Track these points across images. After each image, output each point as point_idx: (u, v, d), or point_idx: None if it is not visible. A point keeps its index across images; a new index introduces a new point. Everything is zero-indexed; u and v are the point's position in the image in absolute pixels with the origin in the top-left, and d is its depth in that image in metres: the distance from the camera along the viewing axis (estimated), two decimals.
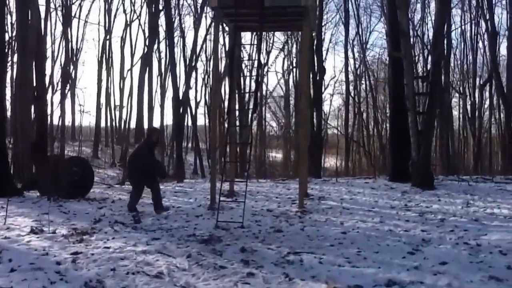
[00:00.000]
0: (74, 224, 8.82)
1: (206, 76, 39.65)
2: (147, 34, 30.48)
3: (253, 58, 30.84)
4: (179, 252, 6.83)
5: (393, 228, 8.87)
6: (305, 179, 11.23)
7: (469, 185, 15.17)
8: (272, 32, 34.47)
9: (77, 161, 13.49)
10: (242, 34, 15.92)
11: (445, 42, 20.79)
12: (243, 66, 31.76)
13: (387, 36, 17.03)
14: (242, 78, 30.08)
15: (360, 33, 35.11)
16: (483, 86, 32.87)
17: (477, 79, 34.71)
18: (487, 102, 35.05)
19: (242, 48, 16.42)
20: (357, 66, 36.27)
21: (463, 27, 33.75)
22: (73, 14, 36.26)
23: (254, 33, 24.30)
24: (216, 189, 11.21)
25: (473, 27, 33.25)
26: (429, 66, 22.38)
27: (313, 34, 17.78)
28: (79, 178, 12.35)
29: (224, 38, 18.43)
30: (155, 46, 31.37)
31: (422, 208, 11.19)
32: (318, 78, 25.83)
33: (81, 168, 12.59)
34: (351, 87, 33.63)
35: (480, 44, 34.20)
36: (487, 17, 27.43)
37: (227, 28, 18.41)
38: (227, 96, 25.07)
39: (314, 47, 27.68)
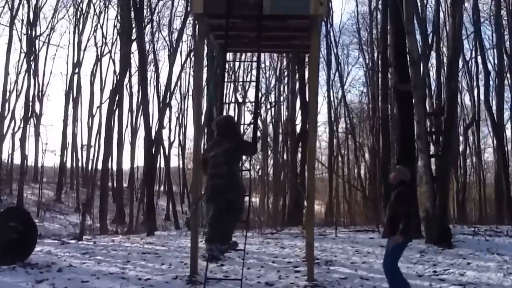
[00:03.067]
0: None
1: (181, 115, 37.23)
2: (118, 67, 27.90)
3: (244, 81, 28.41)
4: None
5: None
6: (312, 240, 8.44)
7: (486, 241, 12.79)
8: (249, 66, 32.14)
9: (16, 214, 10.27)
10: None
11: None
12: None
13: (390, 67, 14.67)
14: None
15: (340, 71, 33.01)
16: (466, 129, 30.91)
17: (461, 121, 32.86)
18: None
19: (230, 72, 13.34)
20: (336, 106, 34.09)
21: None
22: (39, 47, 33.75)
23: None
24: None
25: None
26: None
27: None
28: (17, 237, 9.28)
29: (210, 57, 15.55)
30: (126, 80, 28.71)
31: (456, 276, 8.82)
32: (302, 115, 23.68)
33: (21, 223, 9.49)
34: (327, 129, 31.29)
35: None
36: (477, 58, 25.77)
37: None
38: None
39: (297, 82, 25.57)
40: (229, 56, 20.83)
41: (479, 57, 26.95)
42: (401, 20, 12.87)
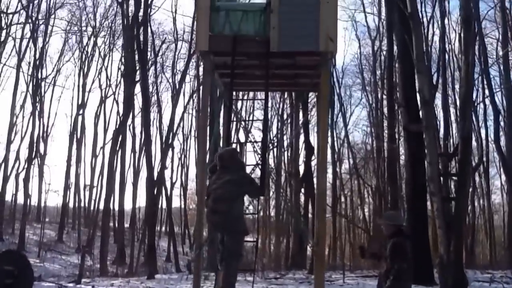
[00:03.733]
0: None
1: (183, 156, 36.87)
2: (121, 108, 27.73)
3: (252, 120, 28.15)
4: None
5: None
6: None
7: None
8: (251, 107, 31.98)
9: (13, 257, 9.63)
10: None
11: None
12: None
13: (399, 107, 14.28)
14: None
15: (343, 112, 32.72)
16: (474, 170, 30.22)
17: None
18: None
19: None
20: (339, 146, 33.64)
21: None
22: (45, 88, 33.63)
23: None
24: None
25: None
26: None
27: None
28: (12, 282, 8.65)
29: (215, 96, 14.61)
30: (130, 121, 28.37)
31: None
32: (306, 157, 23.22)
33: (17, 267, 8.87)
34: (330, 169, 30.74)
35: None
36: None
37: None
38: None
39: (301, 126, 25.12)
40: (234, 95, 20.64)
41: (486, 99, 26.44)
42: (409, 59, 12.49)
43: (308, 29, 7.71)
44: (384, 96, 27.00)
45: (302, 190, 24.59)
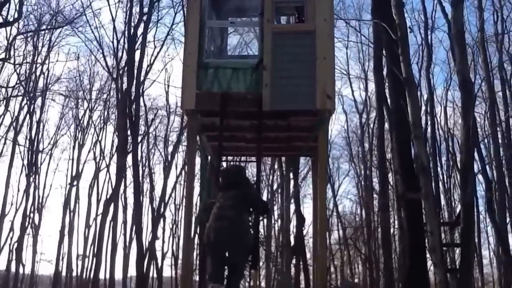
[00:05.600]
0: None
1: (174, 226, 35.40)
2: (114, 179, 26.52)
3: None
4: None
5: None
6: None
7: None
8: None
9: None
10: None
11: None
12: None
13: (396, 175, 13.09)
14: None
15: (332, 183, 31.56)
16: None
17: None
18: None
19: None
20: (328, 217, 32.12)
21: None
22: (41, 161, 32.46)
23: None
24: None
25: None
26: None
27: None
28: None
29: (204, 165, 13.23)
30: (122, 191, 27.10)
31: None
32: (297, 227, 21.82)
33: None
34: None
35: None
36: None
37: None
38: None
39: (292, 196, 23.83)
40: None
41: (479, 173, 25.27)
42: (405, 125, 11.49)
43: (303, 86, 6.70)
44: (373, 168, 26.03)
45: (293, 261, 23.02)
